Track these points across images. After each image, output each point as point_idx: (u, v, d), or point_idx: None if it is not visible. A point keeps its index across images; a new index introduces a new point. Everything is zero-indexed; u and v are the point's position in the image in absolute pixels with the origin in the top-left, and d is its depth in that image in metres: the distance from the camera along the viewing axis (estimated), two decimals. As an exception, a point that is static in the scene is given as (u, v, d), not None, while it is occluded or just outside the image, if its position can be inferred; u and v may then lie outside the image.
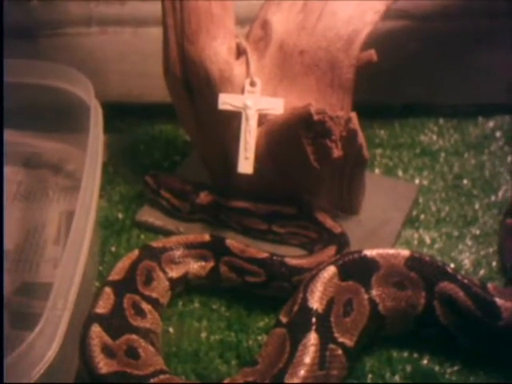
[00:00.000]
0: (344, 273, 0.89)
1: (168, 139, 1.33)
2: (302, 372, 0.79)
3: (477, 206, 1.17)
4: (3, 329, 0.93)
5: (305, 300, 0.85)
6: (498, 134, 1.31)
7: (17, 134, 1.23)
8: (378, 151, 1.28)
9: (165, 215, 1.13)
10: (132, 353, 0.85)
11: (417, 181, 1.22)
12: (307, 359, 0.79)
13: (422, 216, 1.15)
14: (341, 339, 0.85)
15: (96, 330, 0.85)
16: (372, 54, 1.02)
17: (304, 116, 0.95)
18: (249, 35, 1.06)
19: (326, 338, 0.83)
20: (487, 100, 1.34)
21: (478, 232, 1.12)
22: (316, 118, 0.95)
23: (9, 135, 1.21)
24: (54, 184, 1.19)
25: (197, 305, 1.01)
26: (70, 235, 0.89)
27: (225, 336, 0.97)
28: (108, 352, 0.83)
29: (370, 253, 0.92)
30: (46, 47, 1.30)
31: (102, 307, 0.89)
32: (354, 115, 0.98)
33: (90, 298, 0.93)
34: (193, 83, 1.04)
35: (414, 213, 1.15)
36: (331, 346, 0.83)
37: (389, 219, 1.11)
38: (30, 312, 0.98)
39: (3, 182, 1.16)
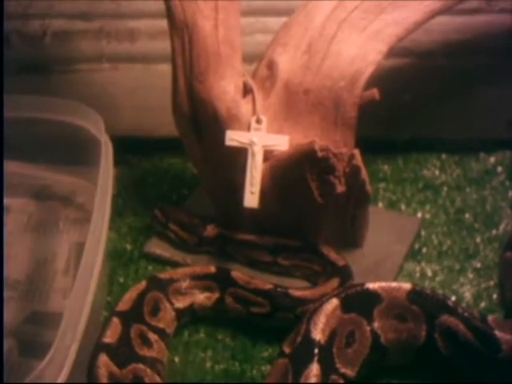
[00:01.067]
0: (346, 305, 0.90)
1: (176, 173, 1.35)
2: (305, 402, 0.80)
3: (478, 239, 1.18)
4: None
5: (308, 331, 0.86)
6: (499, 169, 1.33)
7: (28, 166, 1.25)
8: (382, 185, 1.30)
9: (172, 247, 1.15)
10: (138, 382, 0.86)
11: (419, 214, 1.23)
12: (309, 390, 0.80)
13: (424, 249, 1.16)
14: (342, 370, 0.86)
15: (103, 359, 0.87)
16: (374, 92, 1.04)
17: (308, 152, 0.98)
18: (255, 74, 1.09)
19: (328, 368, 0.84)
20: (488, 136, 1.36)
21: (478, 265, 1.13)
22: (320, 154, 0.97)
23: (20, 168, 1.24)
24: (64, 216, 1.21)
25: (202, 335, 1.03)
26: (80, 266, 0.90)
27: (229, 366, 0.98)
28: (115, 380, 0.85)
29: (372, 286, 0.93)
30: (58, 83, 1.33)
31: (110, 337, 0.90)
32: (356, 152, 1.01)
33: (98, 327, 0.94)
34: (201, 120, 1.07)
35: (417, 246, 1.17)
36: (333, 376, 0.84)
37: (391, 252, 1.13)
38: (38, 341, 0.99)
39: (3, 210, 1.18)
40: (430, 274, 1.12)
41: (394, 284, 0.94)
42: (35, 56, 1.32)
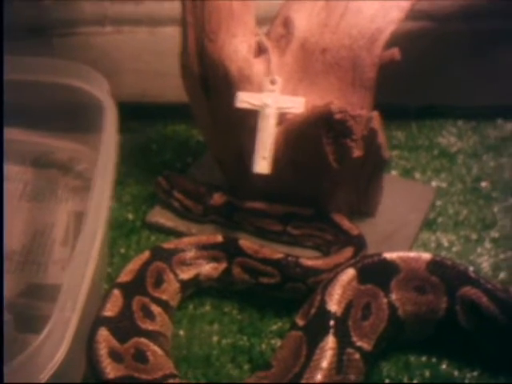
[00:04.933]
0: (363, 276, 0.86)
1: (181, 140, 1.31)
2: (319, 377, 0.76)
3: (496, 208, 1.15)
4: (3, 328, 0.91)
5: (323, 302, 0.82)
6: (516, 136, 1.29)
7: (27, 132, 1.21)
8: (395, 153, 1.26)
9: (176, 216, 1.11)
10: (140, 357, 0.82)
11: (434, 183, 1.20)
12: (324, 363, 0.77)
13: (440, 219, 1.13)
14: (359, 343, 0.82)
15: (103, 333, 0.83)
16: (395, 52, 1.00)
17: (325, 115, 0.93)
18: (270, 33, 1.04)
19: (343, 341, 0.80)
20: (506, 102, 1.31)
21: (497, 235, 1.10)
22: (337, 116, 0.93)
23: (18, 134, 1.20)
24: (63, 184, 1.17)
25: (208, 307, 0.99)
26: (80, 235, 0.87)
27: (237, 340, 0.94)
28: (115, 356, 0.80)
29: (390, 256, 0.89)
30: (60, 47, 1.29)
31: (110, 310, 0.86)
32: (375, 114, 0.97)
33: (99, 300, 0.90)
34: (210, 81, 1.03)
35: (432, 215, 1.13)
36: (349, 350, 0.81)
37: (406, 221, 1.09)
38: (36, 314, 0.95)
39: (3, 182, 1.14)
40: (446, 244, 1.09)
41: (412, 254, 0.91)
42: (35, 18, 1.27)
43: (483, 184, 1.20)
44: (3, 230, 1.03)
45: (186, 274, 0.97)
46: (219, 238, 1.00)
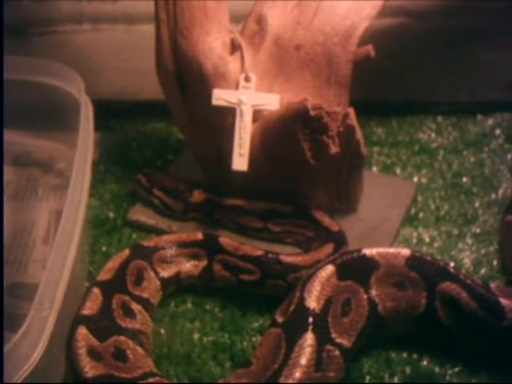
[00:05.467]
0: (342, 272, 0.86)
1: (161, 137, 1.31)
2: (298, 374, 0.76)
3: (477, 204, 1.15)
4: (3, 326, 0.90)
5: (302, 299, 0.82)
6: (497, 131, 1.29)
7: (5, 131, 1.19)
8: (376, 149, 1.26)
9: (157, 214, 1.11)
10: (120, 355, 0.82)
11: (415, 179, 1.20)
12: (303, 360, 0.76)
13: (421, 214, 1.13)
14: (338, 340, 0.82)
15: (82, 332, 0.82)
16: (369, 49, 1.00)
17: (300, 111, 0.93)
18: (243, 30, 1.04)
19: (323, 338, 0.80)
20: (486, 97, 1.32)
21: (478, 230, 1.10)
22: (313, 113, 0.93)
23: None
24: (43, 183, 1.16)
25: (189, 305, 0.99)
26: (57, 234, 0.86)
27: (218, 337, 0.94)
28: (94, 355, 0.80)
29: (369, 252, 0.89)
30: (37, 45, 1.28)
31: (89, 308, 0.86)
32: (351, 110, 0.96)
33: (79, 298, 0.89)
34: (186, 79, 1.02)
35: (413, 211, 1.13)
36: (328, 346, 0.81)
37: (387, 217, 1.09)
38: (17, 313, 0.94)
39: (3, 180, 1.14)
40: (427, 239, 1.09)
41: (392, 250, 0.90)
42: (13, 17, 1.26)
43: (464, 179, 1.20)
44: (3, 230, 1.03)
45: (166, 272, 0.97)
46: (199, 236, 1.00)
